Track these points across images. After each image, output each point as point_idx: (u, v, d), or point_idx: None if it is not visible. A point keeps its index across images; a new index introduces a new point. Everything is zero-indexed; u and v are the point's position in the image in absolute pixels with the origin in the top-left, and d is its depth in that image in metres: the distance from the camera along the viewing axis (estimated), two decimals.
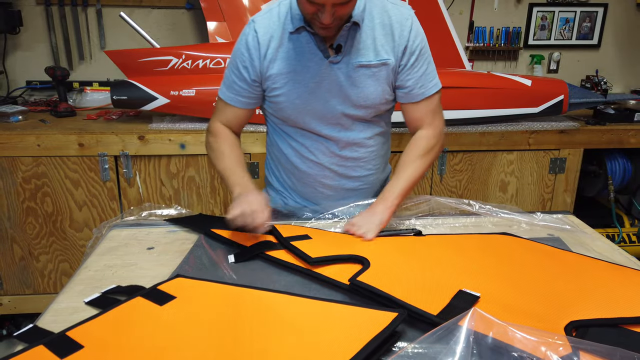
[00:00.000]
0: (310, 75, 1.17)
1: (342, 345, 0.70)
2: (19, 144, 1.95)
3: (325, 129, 1.24)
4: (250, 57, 1.18)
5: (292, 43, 1.16)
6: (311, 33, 1.14)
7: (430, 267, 0.96)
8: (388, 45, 1.17)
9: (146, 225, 1.22)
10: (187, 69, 2.07)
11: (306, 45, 1.16)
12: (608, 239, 1.19)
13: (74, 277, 0.98)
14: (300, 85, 1.18)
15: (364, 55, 1.16)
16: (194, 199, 2.12)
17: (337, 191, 1.31)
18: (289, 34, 1.16)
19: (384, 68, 1.18)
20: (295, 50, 1.16)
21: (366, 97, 1.19)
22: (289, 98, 1.19)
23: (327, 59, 1.16)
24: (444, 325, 0.71)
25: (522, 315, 0.80)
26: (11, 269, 2.12)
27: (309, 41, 1.16)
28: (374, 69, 1.17)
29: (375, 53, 1.16)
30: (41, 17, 2.51)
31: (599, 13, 2.81)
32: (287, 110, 1.22)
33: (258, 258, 1.04)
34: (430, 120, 1.24)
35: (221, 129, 1.27)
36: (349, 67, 1.16)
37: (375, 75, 1.18)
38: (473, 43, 2.79)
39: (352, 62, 1.16)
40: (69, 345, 0.72)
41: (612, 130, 2.28)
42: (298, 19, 1.13)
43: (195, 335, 0.75)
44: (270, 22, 1.17)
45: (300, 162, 1.29)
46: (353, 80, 1.17)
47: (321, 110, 1.21)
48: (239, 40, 1.21)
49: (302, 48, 1.16)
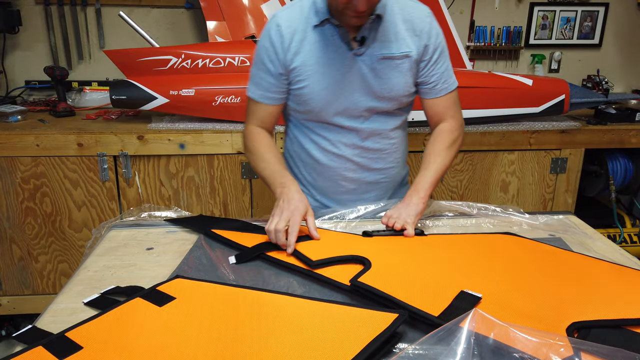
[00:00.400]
0: (334, 67, 1.19)
1: (342, 346, 0.70)
2: (18, 144, 1.95)
3: (348, 121, 1.25)
4: (275, 50, 1.19)
5: (316, 36, 1.18)
6: (335, 25, 1.16)
7: (432, 268, 0.96)
8: (410, 39, 1.20)
9: (145, 225, 1.22)
10: (187, 69, 2.06)
11: (330, 38, 1.18)
12: (609, 239, 1.18)
13: (73, 277, 0.98)
14: (324, 77, 1.19)
15: (387, 48, 1.19)
16: (194, 199, 2.11)
17: (358, 184, 1.32)
18: (313, 27, 1.18)
19: (406, 60, 1.20)
20: (320, 42, 1.18)
21: (390, 88, 1.22)
22: (314, 90, 1.21)
23: (351, 51, 1.18)
24: (444, 326, 0.71)
25: (524, 316, 0.80)
26: (10, 270, 2.11)
27: (333, 34, 1.18)
28: (397, 61, 1.20)
29: (397, 45, 1.19)
30: (40, 16, 2.50)
31: (600, 12, 2.80)
32: (311, 103, 1.23)
33: (258, 259, 1.04)
34: (452, 113, 1.28)
35: (255, 131, 1.28)
36: (372, 59, 1.19)
37: (398, 67, 1.20)
38: (474, 42, 2.79)
39: (376, 54, 1.19)
40: (68, 346, 0.72)
41: (614, 130, 2.28)
42: (323, 12, 1.16)
43: (194, 336, 0.74)
44: (293, 16, 1.19)
45: (321, 156, 1.30)
46: (377, 72, 1.20)
47: (345, 102, 1.22)
48: (261, 36, 1.23)
49: (326, 41, 1.18)
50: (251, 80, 1.26)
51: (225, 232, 1.13)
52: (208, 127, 2.06)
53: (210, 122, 2.08)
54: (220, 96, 2.03)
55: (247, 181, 2.11)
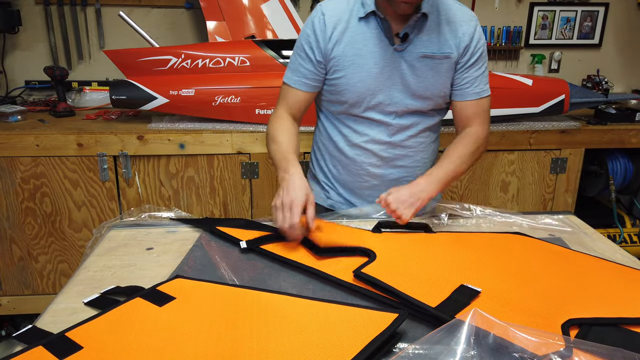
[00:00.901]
0: (374, 60, 1.19)
1: (342, 346, 0.70)
2: (18, 144, 1.95)
3: (379, 115, 1.25)
4: (316, 38, 1.21)
5: (360, 28, 1.19)
6: (380, 19, 1.17)
7: (435, 263, 0.96)
8: (452, 41, 1.21)
9: (145, 225, 1.21)
10: (187, 69, 2.06)
11: (373, 31, 1.19)
12: (609, 239, 1.18)
13: (73, 277, 0.98)
14: (362, 70, 1.20)
15: (428, 47, 1.19)
16: (193, 199, 2.11)
17: (381, 181, 1.32)
18: (358, 19, 1.19)
19: (446, 61, 1.21)
20: (362, 35, 1.19)
21: (426, 87, 1.22)
22: (351, 81, 1.21)
23: (393, 46, 1.18)
24: (444, 325, 0.71)
25: (522, 312, 0.80)
26: (10, 270, 2.11)
27: (377, 27, 1.19)
28: (437, 61, 1.20)
29: (439, 46, 1.20)
30: (40, 16, 2.50)
31: (600, 12, 2.80)
32: (346, 94, 1.23)
33: (260, 256, 1.04)
34: (480, 120, 1.27)
35: (281, 115, 1.28)
36: (412, 56, 1.19)
37: (437, 67, 1.21)
38: None
39: (417, 52, 1.19)
40: (68, 346, 0.72)
41: (613, 130, 2.28)
42: (370, 4, 1.17)
43: (194, 336, 0.74)
44: (338, 6, 1.21)
45: (348, 149, 1.30)
46: (415, 69, 1.20)
47: (380, 96, 1.23)
48: (305, 24, 1.25)
49: (369, 33, 1.19)
50: (289, 66, 1.27)
51: (229, 230, 1.14)
52: (208, 127, 2.06)
53: (210, 122, 2.08)
54: (220, 96, 2.03)
55: (247, 181, 2.11)
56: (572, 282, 0.90)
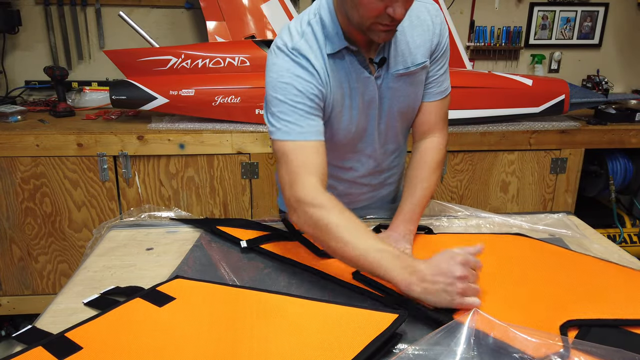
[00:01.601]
0: (359, 96, 1.06)
1: (342, 346, 0.70)
2: (18, 144, 1.95)
3: (370, 147, 1.16)
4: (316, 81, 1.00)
5: (336, 65, 1.03)
6: (352, 52, 1.02)
7: None
8: (424, 46, 1.09)
9: (145, 226, 1.21)
10: (187, 69, 2.06)
11: (350, 66, 1.04)
12: (609, 240, 1.18)
13: (73, 277, 0.98)
14: (353, 109, 1.07)
15: (402, 63, 1.07)
16: (193, 199, 2.11)
17: (371, 200, 1.28)
18: (329, 56, 1.02)
19: (422, 71, 1.11)
20: (341, 71, 1.03)
21: (409, 105, 1.13)
22: (342, 124, 1.08)
23: (373, 76, 1.05)
24: (444, 326, 0.71)
25: (521, 312, 0.80)
26: (10, 270, 2.11)
27: (352, 60, 1.03)
28: (413, 76, 1.09)
29: (412, 58, 1.07)
30: (40, 16, 2.50)
31: (599, 13, 2.80)
32: (337, 136, 1.10)
33: (260, 256, 1.04)
34: (441, 126, 1.17)
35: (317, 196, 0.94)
36: (389, 78, 1.07)
37: (415, 80, 1.10)
38: (474, 42, 2.79)
39: (392, 74, 1.07)
40: (68, 347, 0.72)
41: (613, 130, 2.28)
42: (337, 38, 1.00)
43: (194, 336, 0.74)
44: (307, 47, 1.01)
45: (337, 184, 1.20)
46: (395, 91, 1.09)
47: (373, 131, 1.13)
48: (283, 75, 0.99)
49: (347, 69, 1.04)
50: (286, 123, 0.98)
51: (230, 229, 1.14)
52: (208, 127, 2.06)
53: (210, 122, 2.08)
54: (220, 96, 2.03)
55: (247, 181, 2.11)
56: (572, 283, 0.90)
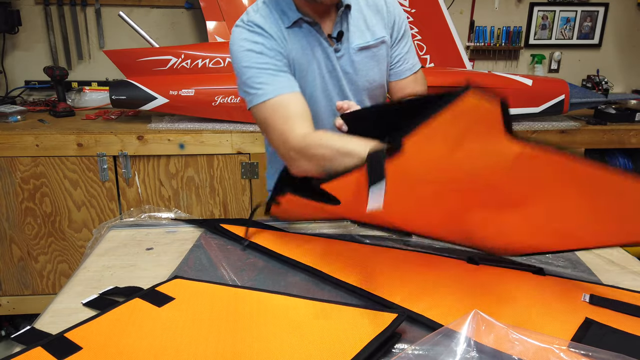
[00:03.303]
0: (321, 65, 1.12)
1: (342, 346, 0.70)
2: (18, 144, 1.95)
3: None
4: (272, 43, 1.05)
5: (295, 36, 1.09)
6: (309, 23, 1.09)
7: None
8: (379, 24, 1.16)
9: (145, 225, 1.21)
10: (187, 69, 2.06)
11: (309, 37, 1.10)
12: None
13: (73, 277, 0.98)
14: (314, 81, 1.13)
15: (361, 37, 1.14)
16: (193, 200, 2.11)
17: None
18: (286, 29, 1.09)
19: (383, 46, 1.17)
20: (300, 42, 1.10)
21: (372, 79, 1.18)
22: (309, 92, 1.13)
23: (332, 48, 1.12)
24: (444, 327, 0.71)
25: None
26: (10, 270, 2.11)
27: (309, 32, 1.10)
28: (373, 49, 1.15)
29: (371, 32, 1.15)
30: (40, 16, 2.50)
31: (599, 13, 2.80)
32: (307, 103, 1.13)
33: (261, 256, 1.04)
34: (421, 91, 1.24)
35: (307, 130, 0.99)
36: (350, 52, 1.14)
37: (376, 55, 1.16)
38: (474, 42, 2.79)
39: (352, 47, 1.13)
40: (67, 347, 0.72)
41: (613, 130, 2.28)
42: (291, 11, 1.07)
43: (194, 336, 0.74)
44: (265, 20, 1.08)
45: None
46: (357, 64, 1.15)
47: (335, 97, 1.16)
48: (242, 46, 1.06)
49: (306, 39, 1.11)
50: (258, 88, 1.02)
51: (233, 227, 1.14)
52: (208, 127, 2.06)
53: (210, 122, 2.08)
54: (220, 96, 2.03)
55: (247, 181, 2.11)
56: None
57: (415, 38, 2.32)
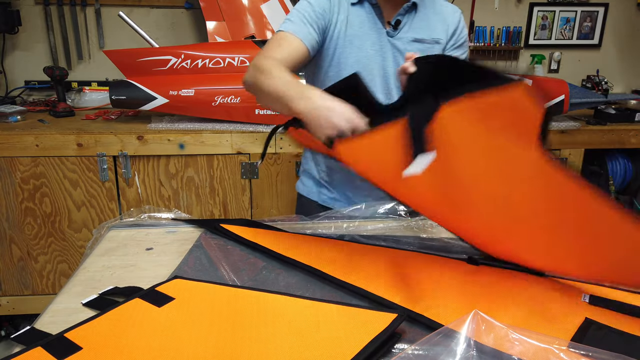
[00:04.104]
0: (369, 42, 1.25)
1: (341, 346, 0.70)
2: (18, 144, 1.95)
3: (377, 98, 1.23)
4: (324, 8, 1.23)
5: (355, 11, 1.25)
6: (372, 4, 1.24)
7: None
8: (441, 28, 1.28)
9: (145, 226, 1.21)
10: (186, 69, 2.06)
11: (368, 15, 1.25)
12: None
13: (73, 278, 0.98)
14: (360, 50, 1.24)
15: (418, 33, 1.26)
16: (193, 200, 2.11)
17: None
18: (351, 4, 1.25)
19: (436, 46, 1.27)
20: (358, 18, 1.25)
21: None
22: (348, 60, 1.25)
23: (386, 30, 1.25)
24: (444, 327, 0.71)
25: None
26: (10, 270, 2.11)
27: (370, 12, 1.25)
28: (427, 45, 1.26)
29: (429, 32, 1.27)
30: (40, 16, 2.50)
31: (599, 13, 2.81)
32: (344, 73, 1.20)
33: (260, 255, 1.04)
34: None
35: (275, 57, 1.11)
36: (403, 41, 1.25)
37: (427, 51, 1.25)
38: (474, 43, 2.79)
39: (407, 37, 1.25)
40: (67, 347, 0.72)
41: (613, 130, 2.28)
42: None
43: (194, 336, 0.74)
44: None
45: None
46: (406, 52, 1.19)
47: (377, 77, 1.26)
48: None
49: (364, 17, 1.25)
50: (290, 20, 1.20)
51: (233, 227, 1.14)
52: (208, 127, 2.06)
53: (210, 122, 2.08)
54: (220, 96, 2.03)
55: (247, 181, 2.11)
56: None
57: None
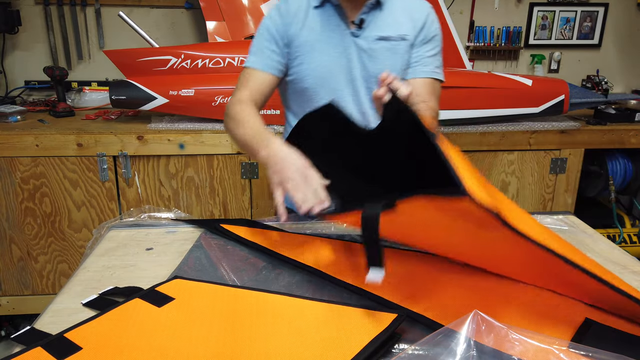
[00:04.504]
0: (332, 45, 1.23)
1: (342, 346, 0.70)
2: (18, 144, 1.95)
3: (344, 101, 1.24)
4: (283, 21, 1.24)
5: (317, 16, 1.24)
6: (335, 6, 1.23)
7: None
8: (408, 24, 1.25)
9: (145, 226, 1.21)
10: (186, 69, 2.06)
11: (330, 18, 1.23)
12: (609, 240, 1.18)
13: (73, 278, 0.98)
14: (321, 54, 1.23)
15: (384, 30, 1.24)
16: (193, 200, 2.11)
17: None
18: (314, 7, 1.24)
19: (402, 43, 1.24)
20: (320, 22, 1.24)
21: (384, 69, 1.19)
22: (312, 65, 1.24)
23: (349, 31, 1.23)
24: (444, 327, 0.71)
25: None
26: (10, 270, 2.11)
27: (333, 14, 1.23)
28: (393, 42, 1.24)
29: (395, 29, 1.24)
30: (40, 16, 2.50)
31: (599, 13, 2.80)
32: (308, 80, 1.24)
33: (260, 255, 1.04)
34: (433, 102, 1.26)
35: (242, 100, 1.21)
36: (368, 40, 1.23)
37: (394, 48, 1.24)
38: (473, 43, 2.79)
39: (372, 35, 1.23)
40: (67, 347, 0.72)
41: (613, 130, 2.28)
42: None
43: (194, 337, 0.74)
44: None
45: None
46: (372, 51, 1.23)
47: (342, 80, 1.25)
48: (270, 11, 1.27)
49: (326, 20, 1.24)
50: (252, 51, 1.26)
51: (233, 227, 1.14)
52: (208, 127, 2.06)
53: (210, 122, 2.08)
54: (220, 96, 2.03)
55: (247, 181, 2.11)
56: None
57: None
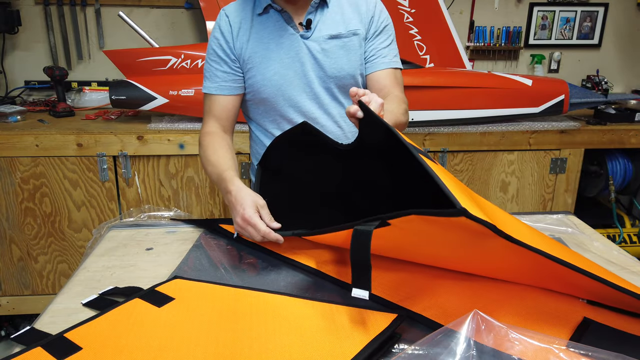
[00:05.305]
0: (283, 51, 1.21)
1: (342, 346, 0.70)
2: (18, 144, 1.95)
3: (305, 106, 1.24)
4: (225, 39, 1.22)
5: (262, 24, 1.22)
6: (279, 11, 1.20)
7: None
8: (356, 19, 1.23)
9: (145, 226, 1.21)
10: (186, 69, 2.06)
11: (276, 24, 1.21)
12: (609, 239, 1.18)
13: (73, 278, 0.98)
14: (274, 62, 1.21)
15: (334, 29, 1.22)
16: (193, 200, 2.11)
17: None
18: (257, 16, 1.21)
19: (355, 38, 1.23)
20: (266, 29, 1.21)
21: (340, 67, 1.22)
22: (266, 75, 1.21)
23: (298, 34, 1.21)
24: (444, 327, 0.71)
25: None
26: (9, 270, 2.11)
27: (278, 19, 1.21)
28: (344, 39, 1.22)
29: (345, 25, 1.22)
30: (40, 16, 2.50)
31: (599, 13, 2.81)
32: (264, 90, 1.22)
33: (260, 256, 1.04)
34: (399, 89, 1.25)
35: (208, 132, 1.23)
36: (320, 39, 1.21)
37: (346, 45, 1.22)
38: (473, 43, 2.79)
39: (323, 35, 1.21)
40: (67, 347, 0.72)
41: (613, 130, 2.28)
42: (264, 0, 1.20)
43: (193, 337, 0.74)
44: (238, 7, 1.24)
45: None
46: (325, 51, 1.21)
47: (299, 85, 1.22)
48: (212, 30, 1.26)
49: (272, 26, 1.21)
50: (205, 76, 1.26)
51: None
52: None
53: None
54: None
55: (247, 181, 2.11)
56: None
57: (415, 38, 2.32)
